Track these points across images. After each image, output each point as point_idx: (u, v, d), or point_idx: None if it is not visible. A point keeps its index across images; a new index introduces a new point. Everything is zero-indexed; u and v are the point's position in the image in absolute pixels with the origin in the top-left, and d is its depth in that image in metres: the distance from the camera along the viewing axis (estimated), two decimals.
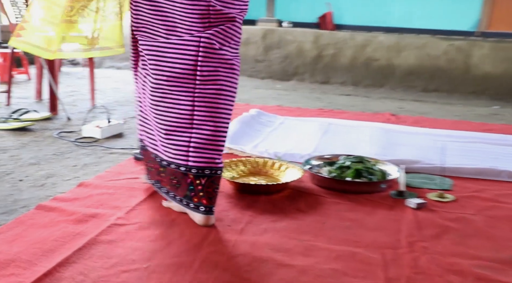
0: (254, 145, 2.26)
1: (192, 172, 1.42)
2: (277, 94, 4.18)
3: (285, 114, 3.19)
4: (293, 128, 2.71)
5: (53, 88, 2.87)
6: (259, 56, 5.39)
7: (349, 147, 2.32)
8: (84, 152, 2.20)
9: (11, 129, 2.50)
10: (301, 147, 2.27)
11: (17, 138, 2.37)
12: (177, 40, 1.40)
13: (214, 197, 1.44)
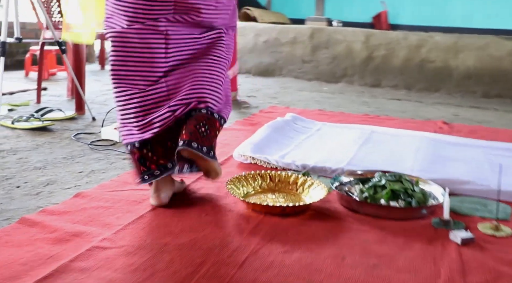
0: (282, 155, 2.00)
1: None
2: (321, 97, 3.89)
3: (325, 119, 2.90)
4: (330, 136, 2.43)
5: (77, 86, 2.73)
6: (306, 57, 5.11)
7: (389, 161, 2.01)
8: (96, 156, 2.02)
9: (30, 129, 2.37)
10: (335, 159, 1.99)
11: (33, 139, 2.24)
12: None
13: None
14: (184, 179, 1.71)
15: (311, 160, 1.95)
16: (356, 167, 1.88)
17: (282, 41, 5.26)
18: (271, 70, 5.24)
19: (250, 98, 3.67)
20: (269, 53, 5.29)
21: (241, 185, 1.59)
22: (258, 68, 5.30)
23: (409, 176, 1.67)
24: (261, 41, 5.38)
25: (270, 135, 2.22)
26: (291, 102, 3.60)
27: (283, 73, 5.17)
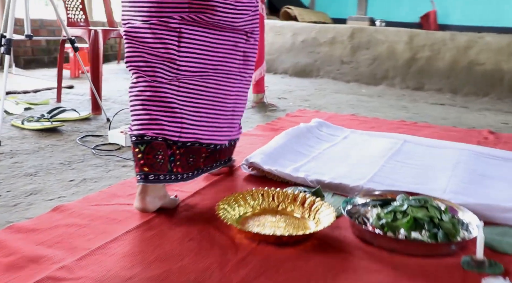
0: (297, 167, 1.75)
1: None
2: (357, 101, 3.60)
3: (356, 125, 2.63)
4: (356, 145, 2.16)
5: (91, 85, 2.58)
6: (345, 57, 4.81)
7: (419, 178, 1.73)
8: (95, 163, 1.84)
9: (39, 130, 2.24)
10: (356, 174, 1.73)
11: (37, 141, 2.10)
12: None
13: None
14: (178, 195, 1.50)
15: (328, 174, 1.69)
16: (378, 184, 1.61)
17: (321, 41, 4.99)
18: (308, 71, 4.97)
19: (280, 101, 3.43)
20: (307, 53, 5.03)
21: (237, 205, 1.36)
22: (295, 69, 5.04)
23: (439, 199, 1.39)
24: (299, 40, 5.12)
25: (287, 144, 1.98)
26: (323, 105, 3.33)
27: (321, 74, 4.89)
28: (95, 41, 2.58)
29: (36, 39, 2.25)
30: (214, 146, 1.51)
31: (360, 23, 5.20)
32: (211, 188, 1.59)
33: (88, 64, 4.29)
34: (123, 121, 2.54)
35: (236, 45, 1.50)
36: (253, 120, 2.73)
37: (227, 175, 1.72)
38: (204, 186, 1.60)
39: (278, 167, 1.73)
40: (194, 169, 1.47)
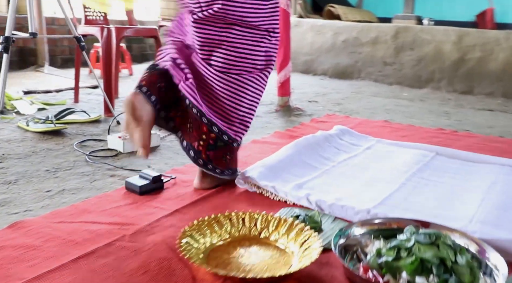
0: (300, 183, 1.51)
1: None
2: (394, 105, 3.28)
3: (386, 134, 2.35)
4: (379, 157, 1.89)
5: (99, 86, 2.44)
6: (388, 58, 4.48)
7: (444, 201, 1.44)
8: (83, 171, 1.69)
9: (41, 132, 2.12)
10: (369, 193, 1.47)
11: (35, 144, 1.97)
12: None
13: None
14: (157, 212, 1.30)
15: (334, 193, 1.45)
16: (391, 208, 1.35)
17: (363, 41, 4.67)
18: (348, 72, 4.68)
19: (309, 104, 3.18)
20: (348, 53, 4.73)
21: (209, 231, 1.14)
22: (335, 70, 4.76)
23: (460, 232, 1.12)
24: (340, 40, 4.83)
25: (295, 155, 1.74)
26: (355, 110, 3.05)
27: (362, 76, 4.58)
28: (107, 39, 2.44)
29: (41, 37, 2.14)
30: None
31: (406, 21, 4.84)
32: (194, 206, 1.39)
33: (121, 63, 4.22)
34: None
35: (258, 44, 1.46)
36: (273, 126, 2.50)
37: (218, 191, 1.51)
38: (187, 203, 1.40)
39: (279, 182, 1.50)
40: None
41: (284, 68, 2.78)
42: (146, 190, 1.46)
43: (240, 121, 1.50)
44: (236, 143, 1.50)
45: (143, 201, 1.41)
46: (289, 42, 2.78)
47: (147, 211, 1.34)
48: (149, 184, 1.47)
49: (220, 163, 1.48)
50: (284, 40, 2.74)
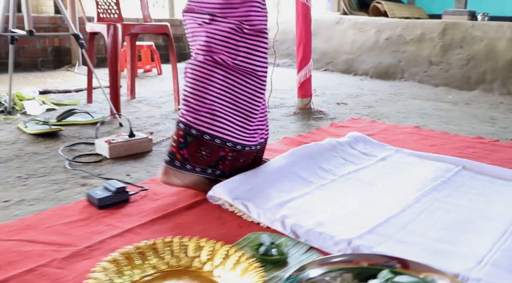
0: (282, 202, 1.28)
1: None
2: (433, 109, 2.95)
3: (414, 141, 2.06)
4: (392, 170, 1.62)
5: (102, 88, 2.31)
6: (435, 57, 4.10)
7: (454, 231, 1.16)
8: (56, 178, 1.54)
9: (37, 134, 2.01)
10: (360, 217, 1.22)
11: (24, 147, 1.86)
12: None
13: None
14: (110, 229, 1.13)
15: (317, 217, 1.21)
16: (380, 239, 1.09)
17: (407, 39, 4.31)
18: (391, 72, 4.33)
19: (337, 106, 2.91)
20: (391, 52, 4.39)
21: (129, 267, 0.93)
22: (376, 70, 4.43)
23: (454, 280, 0.85)
24: (383, 38, 4.49)
25: (286, 167, 1.50)
26: (386, 113, 2.75)
27: (405, 77, 4.23)
28: (114, 37, 2.30)
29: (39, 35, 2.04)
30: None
31: (456, 17, 4.42)
32: (152, 224, 1.20)
33: (151, 62, 4.13)
34: (138, 126, 2.24)
35: (228, 35, 1.38)
36: (286, 130, 2.27)
37: (187, 207, 1.31)
38: (145, 221, 1.21)
39: (258, 199, 1.28)
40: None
41: (304, 67, 2.53)
42: (106, 203, 1.29)
43: (208, 111, 1.36)
44: (207, 135, 1.36)
45: (99, 216, 1.24)
46: (309, 39, 2.53)
47: (97, 229, 1.17)
48: (111, 197, 1.30)
49: (198, 161, 1.38)
50: (303, 36, 2.50)
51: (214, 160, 1.39)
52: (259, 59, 1.39)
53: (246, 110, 1.42)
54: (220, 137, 1.37)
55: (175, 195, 1.39)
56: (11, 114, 2.34)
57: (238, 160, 1.45)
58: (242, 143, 1.42)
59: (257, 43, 1.39)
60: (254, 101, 1.42)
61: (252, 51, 1.39)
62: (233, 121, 1.39)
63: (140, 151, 1.81)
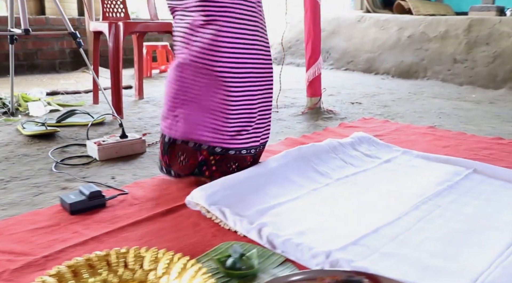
0: (264, 208, 1.17)
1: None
2: (453, 108, 2.77)
3: (426, 142, 1.93)
4: (394, 173, 1.48)
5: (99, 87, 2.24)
6: (459, 55, 3.90)
7: (451, 243, 1.03)
8: (38, 181, 1.47)
9: (30, 136, 1.96)
10: (346, 227, 1.10)
11: (15, 150, 1.81)
12: None
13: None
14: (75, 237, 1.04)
15: (299, 226, 1.09)
16: (365, 251, 0.97)
17: (430, 36, 4.12)
18: (413, 71, 4.15)
19: (351, 106, 2.77)
20: (413, 50, 4.20)
21: (73, 281, 0.84)
22: (398, 68, 4.26)
23: None
24: (405, 36, 4.31)
25: (276, 169, 1.39)
26: (401, 113, 2.60)
27: (428, 75, 4.04)
28: (115, 36, 2.24)
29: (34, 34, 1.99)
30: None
31: (483, 13, 4.20)
32: (120, 232, 1.10)
33: (166, 63, 4.07)
34: (138, 127, 2.17)
35: (188, 32, 1.34)
36: (291, 131, 2.15)
37: (164, 213, 1.21)
38: (114, 228, 1.12)
39: (238, 205, 1.18)
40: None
41: (313, 65, 2.41)
42: (79, 208, 1.21)
43: (173, 115, 1.35)
44: (178, 140, 1.35)
45: (68, 222, 1.16)
46: (318, 36, 2.40)
47: (62, 236, 1.08)
48: (84, 201, 1.22)
49: (179, 168, 1.37)
50: (312, 33, 2.38)
51: (194, 165, 1.33)
52: (219, 55, 1.29)
53: (213, 110, 1.33)
54: (193, 140, 1.34)
55: (155, 199, 1.30)
56: (14, 115, 2.31)
57: (228, 164, 1.36)
58: (222, 146, 1.32)
59: (214, 38, 1.28)
60: (223, 100, 1.32)
61: (209, 46, 1.29)
62: (201, 123, 1.33)
63: (132, 152, 1.73)
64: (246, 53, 1.32)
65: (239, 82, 1.32)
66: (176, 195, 1.32)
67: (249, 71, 1.33)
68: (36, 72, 4.02)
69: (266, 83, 1.40)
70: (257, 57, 1.36)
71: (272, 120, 2.32)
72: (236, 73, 1.31)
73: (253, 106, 1.37)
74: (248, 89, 1.34)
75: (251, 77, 1.34)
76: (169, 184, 1.42)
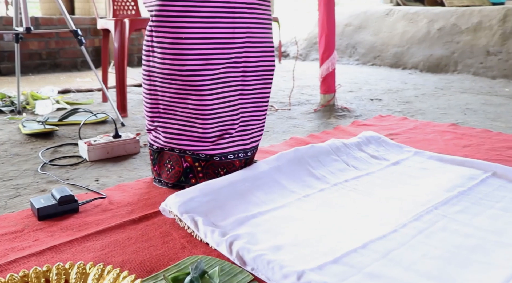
0: (241, 219, 1.04)
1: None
2: (480, 104, 2.55)
3: (444, 141, 1.76)
4: (400, 178, 1.32)
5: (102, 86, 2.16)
6: (493, 47, 3.64)
7: (452, 263, 0.87)
8: (20, 183, 1.40)
9: (28, 134, 1.90)
10: (330, 241, 0.96)
11: (10, 149, 1.74)
12: None
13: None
14: (34, 245, 0.95)
15: (279, 238, 0.96)
16: (343, 272, 0.83)
17: (462, 28, 3.88)
18: (442, 65, 3.91)
19: (369, 102, 2.60)
20: (443, 43, 3.97)
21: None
22: (427, 63, 4.03)
23: None
24: (435, 28, 4.08)
25: (265, 174, 1.26)
26: (424, 109, 2.41)
27: (458, 69, 3.80)
28: (121, 33, 2.16)
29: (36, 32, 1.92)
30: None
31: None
32: (84, 241, 1.00)
33: None
34: (141, 126, 2.09)
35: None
36: (300, 130, 2.01)
37: (136, 221, 1.10)
38: (78, 237, 1.02)
39: (215, 214, 1.06)
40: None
41: (326, 60, 2.25)
42: (47, 213, 1.12)
43: (147, 122, 1.32)
44: (165, 148, 1.29)
45: (33, 228, 1.07)
46: (332, 29, 2.24)
47: (21, 244, 0.99)
48: (53, 206, 1.13)
49: (167, 176, 1.30)
50: (326, 26, 2.22)
51: (180, 172, 1.25)
52: (184, 58, 1.17)
53: (189, 117, 1.23)
54: (177, 147, 1.28)
55: (132, 205, 1.20)
56: (20, 114, 2.27)
57: (215, 171, 1.25)
58: (205, 152, 1.22)
59: (175, 41, 1.16)
60: (196, 106, 1.21)
61: (171, 50, 1.17)
62: (179, 133, 1.26)
63: (124, 153, 1.64)
64: (219, 53, 1.20)
65: (212, 85, 1.20)
66: (155, 200, 1.21)
67: (223, 71, 1.22)
68: (58, 70, 4.02)
69: (253, 82, 1.29)
70: (237, 57, 1.23)
71: (281, 119, 2.20)
72: (206, 75, 1.19)
73: (233, 108, 1.25)
74: (224, 90, 1.23)
75: (226, 78, 1.23)
76: (152, 187, 1.31)
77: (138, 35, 4.47)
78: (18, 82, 2.25)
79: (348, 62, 4.66)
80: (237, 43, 1.23)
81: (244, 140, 1.29)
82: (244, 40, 1.25)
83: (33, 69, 3.91)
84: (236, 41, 1.23)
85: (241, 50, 1.24)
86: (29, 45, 3.90)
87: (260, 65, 1.30)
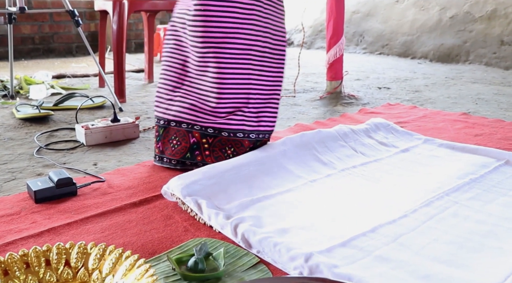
0: (246, 202, 1.05)
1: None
2: (492, 93, 2.56)
3: (455, 130, 1.77)
4: (409, 165, 1.33)
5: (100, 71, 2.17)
6: (507, 36, 3.64)
7: (465, 248, 0.89)
8: (15, 166, 1.41)
9: (22, 119, 1.91)
10: (339, 225, 0.97)
11: (2, 133, 1.75)
12: None
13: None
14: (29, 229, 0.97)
15: (286, 222, 0.97)
16: (353, 255, 0.84)
17: (476, 16, 3.87)
18: (454, 55, 3.91)
19: (377, 91, 2.61)
20: (455, 32, 3.96)
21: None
22: (437, 52, 4.02)
23: None
24: (447, 16, 4.07)
25: (272, 158, 1.27)
26: (432, 98, 2.42)
27: (470, 59, 3.79)
28: (120, 15, 2.16)
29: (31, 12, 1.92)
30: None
31: None
32: (83, 223, 1.02)
33: None
34: (140, 111, 2.10)
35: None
36: (306, 117, 2.02)
37: (136, 204, 1.12)
38: (77, 219, 1.03)
39: (219, 197, 1.07)
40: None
41: (334, 46, 2.26)
42: (45, 196, 1.13)
43: (163, 95, 1.38)
44: (173, 122, 1.33)
45: (30, 211, 1.08)
46: (341, 13, 2.24)
47: (18, 226, 1.01)
48: (51, 189, 1.14)
49: (171, 152, 1.32)
50: (334, 10, 2.23)
51: (186, 147, 1.28)
52: (208, 30, 1.26)
53: (205, 90, 1.30)
54: (186, 120, 1.30)
55: (132, 188, 1.21)
56: (14, 98, 2.28)
57: (222, 149, 1.26)
58: (214, 126, 1.25)
59: (200, 13, 1.26)
60: (214, 78, 1.28)
61: (196, 22, 1.27)
62: (194, 104, 1.31)
63: (123, 137, 1.65)
64: (241, 28, 1.27)
65: (232, 59, 1.26)
66: (156, 184, 1.22)
67: (246, 48, 1.28)
68: (51, 56, 4.03)
69: (271, 65, 1.35)
70: (257, 35, 1.30)
71: (285, 106, 2.21)
72: (228, 48, 1.26)
73: (249, 87, 1.29)
74: (243, 66, 1.27)
75: (247, 54, 1.28)
76: (152, 171, 1.33)
77: (135, 19, 4.46)
78: (11, 66, 2.26)
79: (354, 51, 4.65)
80: (262, 21, 1.30)
81: (255, 121, 1.31)
82: (267, 21, 1.32)
83: (25, 54, 3.92)
84: (257, 20, 1.30)
85: (264, 29, 1.30)
86: (21, 29, 3.90)
87: (279, 49, 1.36)
